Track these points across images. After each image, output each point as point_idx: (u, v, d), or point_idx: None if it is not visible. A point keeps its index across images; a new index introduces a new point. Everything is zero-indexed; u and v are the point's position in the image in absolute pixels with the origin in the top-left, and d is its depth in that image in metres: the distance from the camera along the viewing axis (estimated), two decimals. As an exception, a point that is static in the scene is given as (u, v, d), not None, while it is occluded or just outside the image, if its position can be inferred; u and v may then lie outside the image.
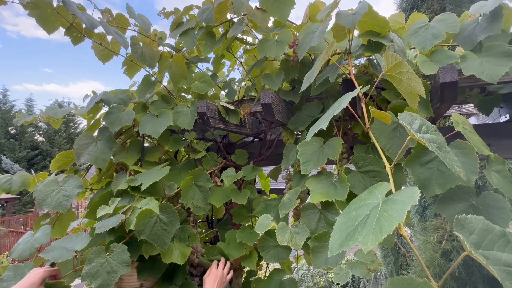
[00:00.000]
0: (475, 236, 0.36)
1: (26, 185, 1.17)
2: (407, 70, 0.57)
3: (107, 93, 1.19)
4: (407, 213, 0.36)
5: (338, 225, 0.45)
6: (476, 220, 0.38)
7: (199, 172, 1.14)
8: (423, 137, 0.48)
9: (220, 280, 1.01)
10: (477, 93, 1.20)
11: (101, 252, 0.92)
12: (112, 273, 0.89)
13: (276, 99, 1.05)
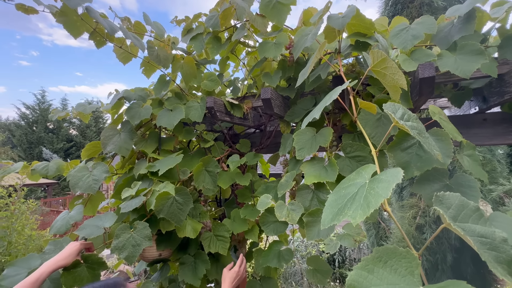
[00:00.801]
0: (452, 211, 0.35)
1: (61, 170, 1.16)
2: (391, 66, 0.55)
3: (128, 91, 1.17)
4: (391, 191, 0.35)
5: (330, 202, 0.44)
6: (453, 197, 0.36)
7: (208, 159, 1.13)
8: (405, 124, 0.46)
9: (240, 278, 0.98)
10: (450, 88, 1.17)
11: (126, 228, 0.92)
12: (136, 246, 0.89)
13: (274, 95, 1.02)
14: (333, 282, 4.85)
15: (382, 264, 0.33)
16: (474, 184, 0.62)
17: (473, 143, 1.07)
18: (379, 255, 0.33)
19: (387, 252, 0.33)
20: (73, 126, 20.87)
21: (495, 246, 0.32)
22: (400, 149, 0.68)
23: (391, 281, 0.31)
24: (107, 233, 1.10)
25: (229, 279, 0.94)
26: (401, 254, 0.32)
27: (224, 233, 1.09)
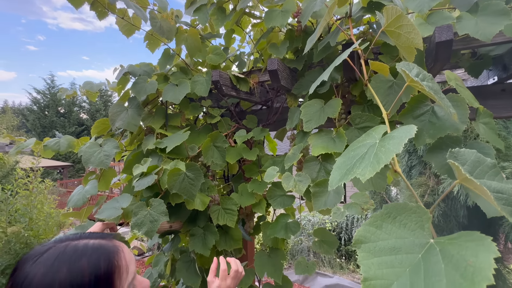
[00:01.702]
0: (467, 167, 0.33)
1: (72, 146, 1.18)
2: (407, 23, 0.51)
3: (133, 65, 1.15)
4: (396, 160, 0.33)
5: (338, 164, 0.43)
6: (469, 153, 0.35)
7: (216, 135, 1.13)
8: (422, 84, 0.43)
9: (240, 278, 0.80)
10: (468, 58, 1.10)
11: (142, 206, 0.94)
12: (154, 222, 0.92)
13: (281, 66, 0.99)
14: (339, 259, 4.99)
15: (391, 220, 0.32)
16: (490, 151, 0.59)
17: None
18: (388, 211, 0.33)
19: (396, 208, 0.32)
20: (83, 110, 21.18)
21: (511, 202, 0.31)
22: (412, 116, 0.66)
23: (399, 235, 0.30)
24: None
25: (233, 281, 0.75)
26: (411, 209, 0.31)
27: (232, 207, 1.11)
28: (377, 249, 0.30)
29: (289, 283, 1.12)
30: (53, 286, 0.45)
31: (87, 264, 0.48)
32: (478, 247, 0.24)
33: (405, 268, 0.28)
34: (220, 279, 0.75)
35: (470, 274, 0.23)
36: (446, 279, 0.24)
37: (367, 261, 0.30)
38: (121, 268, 0.51)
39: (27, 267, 0.47)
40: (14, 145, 1.14)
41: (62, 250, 0.49)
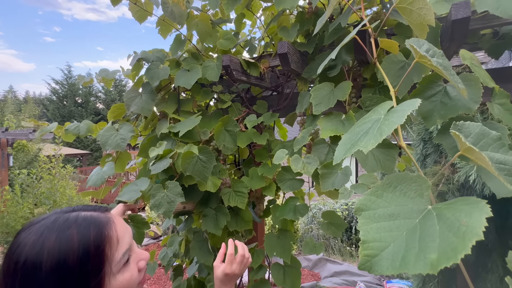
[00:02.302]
0: (471, 139, 0.33)
1: (91, 131, 1.25)
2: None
3: (146, 52, 1.18)
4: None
5: (343, 140, 0.44)
6: (473, 126, 0.35)
7: (227, 119, 1.15)
8: (432, 60, 0.43)
9: (246, 263, 0.79)
10: (489, 38, 1.05)
11: (160, 188, 0.99)
12: (171, 203, 0.97)
13: (291, 49, 0.99)
14: (349, 247, 5.02)
15: (391, 189, 0.33)
16: (503, 131, 0.58)
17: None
18: (389, 181, 0.34)
19: (397, 178, 0.33)
20: (100, 100, 21.78)
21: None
22: (424, 97, 0.65)
23: (399, 203, 0.32)
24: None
25: (230, 281, 0.74)
26: (411, 179, 0.32)
27: (243, 189, 1.15)
28: (376, 216, 0.32)
29: (298, 263, 1.15)
30: (42, 254, 0.45)
31: (76, 233, 0.48)
32: (473, 209, 0.25)
33: (402, 231, 0.29)
34: (226, 263, 0.74)
35: (462, 232, 0.24)
36: (439, 238, 0.25)
37: (366, 227, 0.32)
38: (112, 238, 0.51)
39: (21, 237, 0.48)
40: (37, 131, 1.21)
41: (53, 220, 0.50)
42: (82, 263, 0.46)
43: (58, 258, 0.45)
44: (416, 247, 0.27)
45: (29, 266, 0.45)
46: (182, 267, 1.61)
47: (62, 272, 0.45)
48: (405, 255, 0.27)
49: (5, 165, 4.01)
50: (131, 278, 0.53)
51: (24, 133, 4.53)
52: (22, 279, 0.45)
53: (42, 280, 0.45)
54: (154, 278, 3.85)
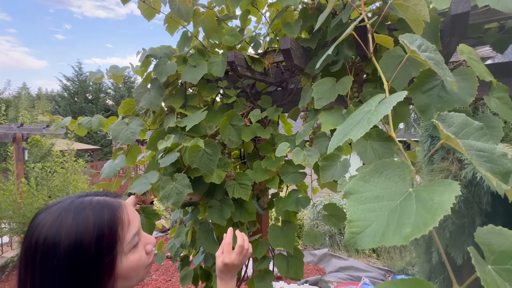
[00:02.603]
0: (453, 128, 0.36)
1: (102, 125, 1.30)
2: (413, -5, 0.52)
3: (154, 49, 1.22)
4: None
5: (337, 131, 0.47)
6: (457, 116, 0.37)
7: (232, 113, 1.19)
8: (421, 55, 0.45)
9: (246, 254, 0.78)
10: (495, 32, 1.04)
11: (169, 180, 1.04)
12: (180, 194, 1.01)
13: (294, 45, 1.01)
14: (355, 243, 5.02)
15: (378, 175, 0.36)
16: (498, 124, 0.60)
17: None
18: (376, 168, 0.37)
19: (383, 164, 0.36)
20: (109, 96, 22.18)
21: (492, 159, 0.33)
22: (421, 91, 0.67)
23: (384, 186, 0.35)
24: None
25: (230, 271, 0.75)
26: (396, 165, 0.35)
27: (247, 182, 1.18)
28: (363, 198, 0.35)
29: (300, 253, 1.19)
30: (60, 232, 0.49)
31: (91, 214, 0.52)
32: (445, 189, 0.28)
33: (385, 211, 0.32)
34: (225, 253, 0.74)
35: (433, 209, 0.27)
36: (415, 215, 0.28)
37: (353, 208, 0.35)
38: (123, 220, 0.55)
39: (39, 218, 0.52)
40: (53, 125, 1.28)
41: (69, 202, 0.54)
42: (97, 241, 0.50)
43: (75, 237, 0.49)
44: (395, 224, 0.30)
45: (49, 243, 0.49)
46: (189, 258, 1.67)
47: (79, 249, 0.49)
48: (385, 231, 0.30)
49: (21, 158, 4.18)
50: (140, 259, 0.57)
51: (38, 128, 4.70)
52: (42, 255, 0.49)
53: (61, 256, 0.48)
54: (162, 269, 3.96)
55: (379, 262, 4.37)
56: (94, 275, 0.50)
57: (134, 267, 0.56)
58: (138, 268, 0.57)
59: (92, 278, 0.50)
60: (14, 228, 3.05)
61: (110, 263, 0.52)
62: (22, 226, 2.86)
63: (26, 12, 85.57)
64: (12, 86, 52.87)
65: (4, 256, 4.10)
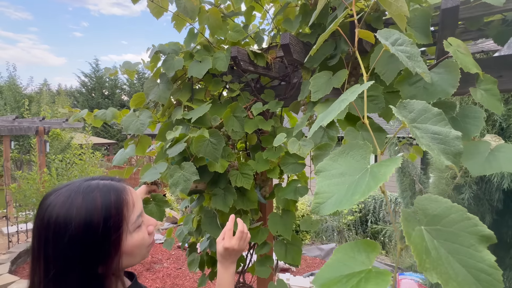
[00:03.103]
0: (413, 114, 0.40)
1: (115, 117, 1.40)
2: (394, -8, 0.55)
3: (162, 45, 1.29)
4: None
5: (320, 117, 0.52)
6: (418, 103, 0.41)
7: (235, 106, 1.25)
8: (395, 48, 0.49)
9: (246, 239, 0.83)
10: (498, 25, 1.04)
11: (177, 169, 1.11)
12: (187, 181, 1.09)
13: (294, 40, 1.05)
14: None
15: (344, 155, 0.41)
16: (480, 115, 0.62)
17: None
18: (344, 149, 0.42)
19: (350, 146, 0.41)
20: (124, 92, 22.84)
21: (445, 141, 0.38)
22: (408, 83, 0.70)
23: (348, 165, 0.39)
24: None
25: (230, 256, 0.79)
26: (359, 146, 0.40)
27: (249, 171, 1.25)
28: (330, 175, 0.40)
29: (298, 240, 1.25)
30: (71, 211, 0.53)
31: (99, 196, 0.56)
32: (391, 163, 0.33)
33: (346, 185, 0.37)
34: (225, 238, 0.79)
35: (377, 178, 0.31)
36: (365, 185, 0.33)
37: (321, 183, 0.40)
38: (128, 202, 0.59)
39: (50, 199, 0.55)
40: (71, 117, 1.39)
41: (77, 185, 0.57)
42: (105, 220, 0.54)
43: (85, 216, 0.53)
44: (350, 193, 0.35)
45: (61, 221, 0.52)
46: (196, 244, 1.76)
47: (89, 227, 0.53)
48: (342, 200, 0.35)
49: (43, 150, 4.45)
50: (143, 238, 0.62)
51: (58, 122, 4.98)
52: (54, 233, 0.53)
53: (72, 233, 0.52)
54: (173, 257, 4.13)
55: (387, 259, 4.35)
56: (102, 251, 0.54)
57: (138, 245, 0.60)
58: (141, 246, 0.62)
59: (100, 253, 0.54)
60: (37, 214, 3.27)
61: (117, 240, 0.56)
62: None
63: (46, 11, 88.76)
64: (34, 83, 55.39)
65: (29, 241, 4.41)
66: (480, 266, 0.27)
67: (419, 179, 3.80)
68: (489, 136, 0.70)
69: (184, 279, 3.56)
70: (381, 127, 0.81)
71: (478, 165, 0.62)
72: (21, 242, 4.35)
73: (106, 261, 0.55)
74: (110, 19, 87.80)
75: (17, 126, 4.75)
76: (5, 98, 11.09)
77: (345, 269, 0.32)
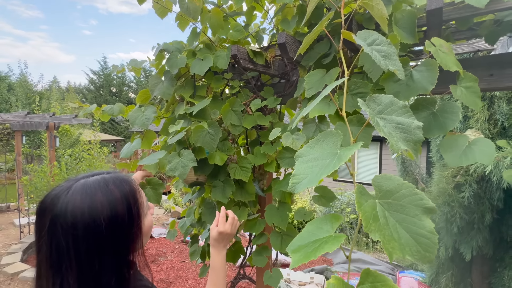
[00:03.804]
0: (381, 107, 0.45)
1: (122, 112, 1.48)
2: (375, -4, 0.60)
3: (167, 44, 1.36)
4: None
5: (304, 109, 0.57)
6: (386, 97, 0.46)
7: (233, 100, 1.31)
8: (371, 48, 0.54)
9: (236, 224, 0.94)
10: (489, 24, 1.07)
11: (175, 155, 1.18)
12: (185, 167, 1.15)
13: (290, 40, 1.10)
14: (366, 238, 5.03)
15: (320, 143, 0.46)
16: (457, 110, 0.67)
17: (506, 84, 1.03)
18: (320, 138, 0.47)
19: (325, 135, 0.46)
20: (131, 89, 23.16)
21: (407, 131, 0.43)
22: (393, 80, 0.75)
23: (322, 150, 0.45)
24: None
25: (223, 240, 0.89)
26: (333, 134, 0.45)
27: (247, 165, 1.31)
28: (306, 160, 0.46)
29: (294, 231, 1.30)
30: (95, 206, 0.54)
31: (114, 187, 0.58)
32: (353, 147, 0.38)
33: (318, 167, 0.43)
34: (220, 223, 0.90)
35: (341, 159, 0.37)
36: (331, 166, 0.39)
37: (298, 166, 0.46)
38: (137, 188, 0.64)
39: (62, 200, 0.54)
40: (81, 111, 1.46)
41: (83, 183, 0.57)
42: (128, 209, 0.58)
43: (110, 208, 0.55)
44: (320, 174, 0.40)
45: (88, 218, 0.53)
46: (198, 236, 1.83)
47: (116, 217, 0.56)
48: (313, 179, 0.41)
49: (53, 145, 4.61)
50: (151, 220, 0.69)
51: (67, 118, 5.14)
52: (84, 229, 0.53)
53: (103, 226, 0.53)
54: (177, 251, 4.24)
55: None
56: (131, 237, 0.59)
57: (150, 225, 0.68)
58: (152, 226, 0.69)
59: (130, 240, 0.59)
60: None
61: (139, 224, 0.62)
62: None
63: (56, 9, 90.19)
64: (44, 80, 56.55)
65: (39, 233, 4.55)
66: (421, 232, 0.32)
67: (422, 178, 3.81)
68: (470, 131, 0.75)
69: (187, 271, 3.66)
70: (369, 122, 0.85)
71: (456, 157, 0.67)
72: (32, 233, 4.52)
73: (134, 245, 0.60)
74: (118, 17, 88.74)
75: (29, 121, 4.92)
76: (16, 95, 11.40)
77: (312, 237, 0.38)
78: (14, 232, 4.83)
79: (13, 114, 5.00)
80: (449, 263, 2.96)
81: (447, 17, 0.89)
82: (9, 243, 4.28)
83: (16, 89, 11.35)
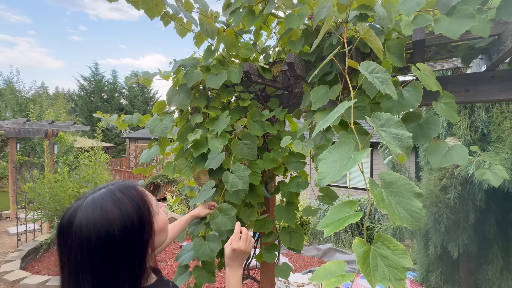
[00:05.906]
0: (381, 122, 0.60)
1: (140, 121, 1.60)
2: (372, 34, 0.77)
3: (184, 60, 1.51)
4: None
5: (318, 125, 0.73)
6: (385, 115, 0.62)
7: (253, 112, 1.46)
8: (372, 76, 0.70)
9: (251, 241, 0.93)
10: (464, 48, 1.27)
11: (228, 174, 1.30)
12: (242, 178, 1.30)
13: (297, 59, 1.27)
14: (359, 240, 5.21)
15: (337, 149, 0.62)
16: (437, 122, 0.84)
17: (480, 98, 1.23)
18: (337, 145, 0.62)
19: (341, 142, 0.62)
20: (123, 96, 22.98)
21: (401, 139, 0.58)
22: (387, 98, 0.91)
23: (340, 154, 0.60)
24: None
25: (238, 258, 0.87)
26: (347, 142, 0.61)
27: (257, 170, 1.45)
28: (328, 161, 0.61)
29: (301, 229, 1.44)
30: (107, 217, 0.57)
31: (122, 195, 0.60)
32: (364, 152, 0.53)
33: (338, 167, 0.58)
34: (233, 241, 0.88)
35: (355, 161, 0.52)
36: (349, 165, 0.54)
37: (322, 167, 0.61)
38: (144, 191, 0.66)
39: (77, 218, 0.57)
40: (103, 121, 1.58)
41: (92, 198, 0.60)
42: (140, 211, 0.62)
43: (122, 216, 0.58)
44: (340, 172, 0.56)
45: (101, 229, 0.56)
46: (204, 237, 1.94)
47: (128, 224, 0.59)
48: (334, 175, 0.56)
49: (51, 152, 4.62)
50: (164, 216, 0.72)
51: (66, 125, 5.17)
52: (97, 239, 0.55)
53: (117, 235, 0.56)
54: (176, 256, 4.29)
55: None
56: (143, 241, 0.61)
57: (164, 221, 0.71)
58: (167, 221, 0.72)
59: (142, 243, 0.61)
60: (47, 213, 3.44)
61: (151, 222, 0.65)
62: (56, 213, 3.24)
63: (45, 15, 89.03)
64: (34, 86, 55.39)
65: (36, 240, 4.53)
66: (413, 209, 0.47)
67: (410, 179, 4.02)
68: (449, 138, 0.92)
69: (187, 276, 3.71)
70: (367, 131, 1.02)
71: (438, 159, 0.84)
72: (29, 241, 4.47)
73: (148, 246, 0.63)
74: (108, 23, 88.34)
75: (27, 128, 4.92)
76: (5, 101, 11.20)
77: (337, 216, 0.53)
78: (9, 241, 4.76)
79: (12, 121, 4.99)
80: (438, 261, 3.15)
81: (429, 43, 1.08)
82: (5, 252, 4.23)
83: (6, 95, 11.17)
